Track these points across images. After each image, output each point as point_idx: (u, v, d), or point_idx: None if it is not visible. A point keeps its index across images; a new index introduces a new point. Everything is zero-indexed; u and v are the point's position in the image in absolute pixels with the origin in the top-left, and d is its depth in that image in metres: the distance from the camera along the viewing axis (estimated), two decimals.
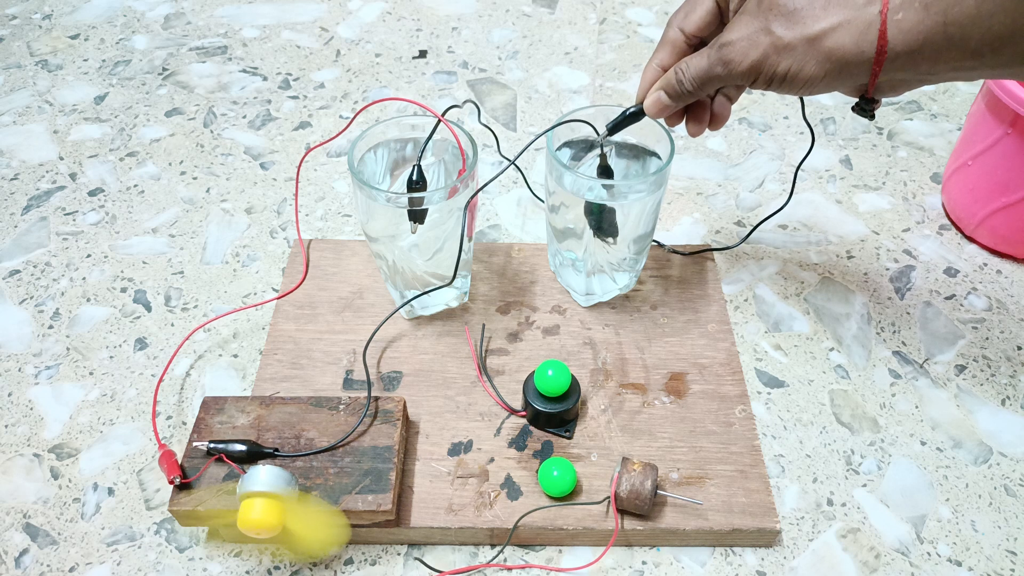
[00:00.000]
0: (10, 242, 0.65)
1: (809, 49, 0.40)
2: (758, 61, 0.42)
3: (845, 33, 0.39)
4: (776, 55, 0.41)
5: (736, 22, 0.43)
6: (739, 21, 0.42)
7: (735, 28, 0.42)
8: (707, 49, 0.44)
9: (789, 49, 0.41)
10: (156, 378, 0.56)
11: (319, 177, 0.72)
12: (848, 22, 0.39)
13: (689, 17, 0.46)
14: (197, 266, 0.64)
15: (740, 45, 0.42)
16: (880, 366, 0.57)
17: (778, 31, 0.41)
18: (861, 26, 0.39)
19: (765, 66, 0.42)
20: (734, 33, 0.42)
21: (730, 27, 0.43)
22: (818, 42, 0.40)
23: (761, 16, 0.41)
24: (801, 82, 0.42)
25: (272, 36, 0.88)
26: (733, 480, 0.48)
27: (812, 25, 0.40)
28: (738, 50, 0.42)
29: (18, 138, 0.75)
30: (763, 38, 0.41)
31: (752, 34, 0.41)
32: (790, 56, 0.41)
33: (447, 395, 0.52)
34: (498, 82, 0.82)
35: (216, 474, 0.45)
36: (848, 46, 0.40)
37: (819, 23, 0.40)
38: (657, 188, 0.50)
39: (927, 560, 0.47)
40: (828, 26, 0.40)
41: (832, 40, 0.40)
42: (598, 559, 0.47)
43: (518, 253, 0.62)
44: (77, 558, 0.47)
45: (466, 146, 0.49)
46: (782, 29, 0.41)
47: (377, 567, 0.47)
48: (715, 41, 0.43)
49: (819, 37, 0.40)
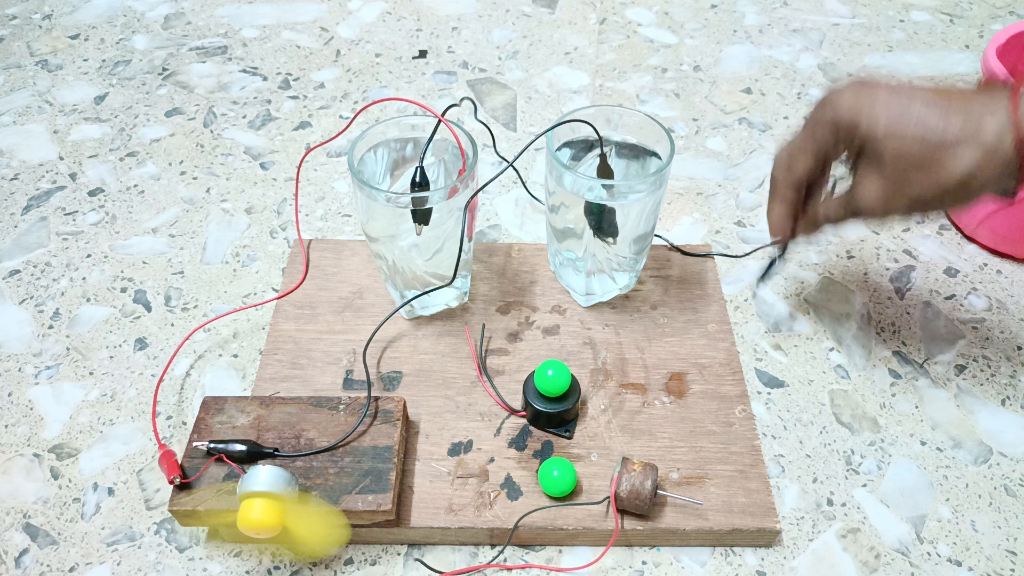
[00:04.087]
0: (10, 242, 0.65)
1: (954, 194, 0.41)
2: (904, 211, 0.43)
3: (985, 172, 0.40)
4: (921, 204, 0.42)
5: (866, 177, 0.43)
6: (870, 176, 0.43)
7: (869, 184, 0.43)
8: (845, 198, 0.45)
9: (932, 199, 0.42)
10: (156, 378, 0.56)
11: (319, 177, 0.72)
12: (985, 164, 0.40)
13: (795, 164, 0.47)
14: (197, 266, 0.64)
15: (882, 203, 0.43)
16: (880, 366, 0.57)
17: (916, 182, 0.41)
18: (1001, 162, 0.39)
19: (912, 212, 0.43)
20: (870, 194, 0.43)
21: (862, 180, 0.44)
22: (961, 186, 0.41)
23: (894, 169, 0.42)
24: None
25: (272, 36, 0.88)
26: (733, 480, 0.48)
27: (948, 172, 0.40)
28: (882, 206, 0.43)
29: (18, 138, 0.75)
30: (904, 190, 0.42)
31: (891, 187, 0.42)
32: (935, 203, 0.42)
33: (447, 395, 0.52)
34: (498, 82, 0.82)
35: (216, 474, 0.45)
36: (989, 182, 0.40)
37: (954, 170, 0.40)
38: (657, 188, 0.50)
39: (927, 560, 0.47)
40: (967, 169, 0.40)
41: (974, 182, 0.40)
42: (598, 559, 0.47)
43: (518, 253, 0.62)
44: (77, 558, 0.47)
45: (466, 146, 0.49)
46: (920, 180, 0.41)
47: (377, 567, 0.47)
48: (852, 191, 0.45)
49: (961, 182, 0.40)
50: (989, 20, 0.92)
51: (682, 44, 0.88)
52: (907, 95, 0.42)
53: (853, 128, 0.43)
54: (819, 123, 0.45)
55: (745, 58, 0.86)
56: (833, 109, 0.44)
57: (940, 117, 0.40)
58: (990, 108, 0.40)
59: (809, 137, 0.46)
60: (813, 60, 0.85)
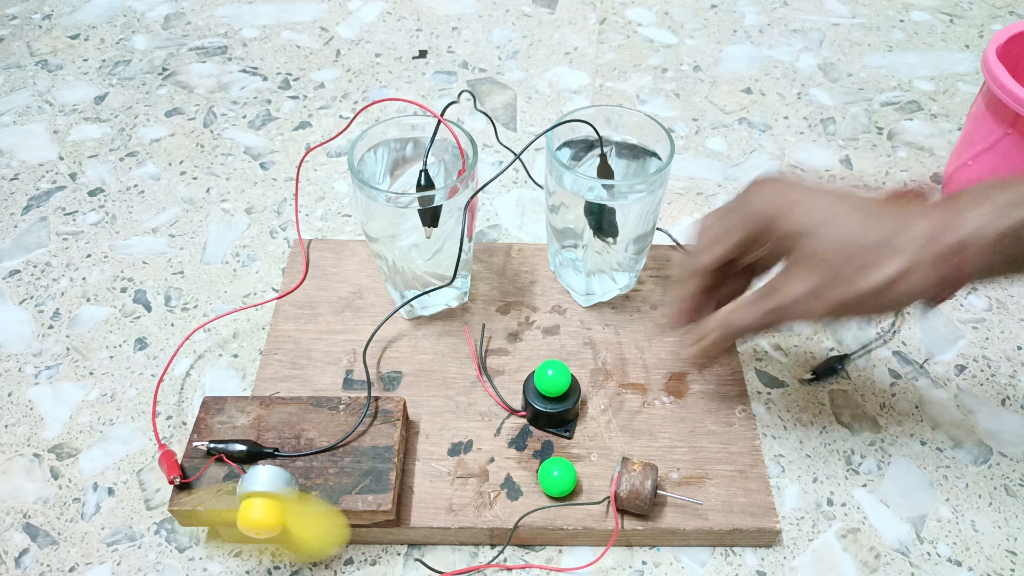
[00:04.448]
0: (10, 242, 0.65)
1: (877, 299, 0.40)
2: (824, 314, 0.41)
3: (908, 280, 0.39)
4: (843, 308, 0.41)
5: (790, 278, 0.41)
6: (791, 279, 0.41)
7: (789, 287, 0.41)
8: (760, 301, 0.43)
9: (855, 302, 0.40)
10: (156, 378, 0.56)
11: (319, 177, 0.72)
12: (910, 270, 0.39)
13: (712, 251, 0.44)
14: (197, 266, 0.64)
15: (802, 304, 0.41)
16: (880, 366, 0.57)
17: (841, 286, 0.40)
18: (924, 270, 0.39)
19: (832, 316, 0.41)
20: (791, 292, 0.41)
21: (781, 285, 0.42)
22: (884, 293, 0.40)
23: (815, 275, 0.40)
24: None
25: (272, 36, 0.88)
26: (733, 480, 0.48)
27: (873, 278, 0.39)
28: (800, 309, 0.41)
29: (18, 138, 0.75)
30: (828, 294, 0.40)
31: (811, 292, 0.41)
32: (858, 306, 0.41)
33: (447, 395, 0.52)
34: (498, 82, 0.82)
35: (216, 474, 0.45)
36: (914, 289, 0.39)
37: (880, 274, 0.39)
38: (657, 188, 0.50)
39: (927, 560, 0.47)
40: (890, 276, 0.39)
41: (897, 289, 0.39)
42: (598, 559, 0.47)
43: (518, 253, 0.62)
44: (77, 558, 0.47)
45: (466, 146, 0.49)
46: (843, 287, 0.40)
47: (377, 567, 0.47)
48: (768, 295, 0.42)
49: (884, 288, 0.39)
50: (989, 20, 0.92)
51: (682, 44, 0.88)
52: (832, 197, 0.41)
53: (776, 223, 0.41)
54: (742, 213, 0.43)
55: (745, 58, 0.86)
56: (758, 201, 0.42)
57: (863, 222, 0.40)
58: (914, 215, 0.40)
59: (730, 227, 0.43)
60: (813, 60, 0.85)
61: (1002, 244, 0.38)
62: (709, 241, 0.44)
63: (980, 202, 0.38)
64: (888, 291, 0.39)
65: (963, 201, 0.39)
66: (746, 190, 0.44)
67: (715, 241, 0.44)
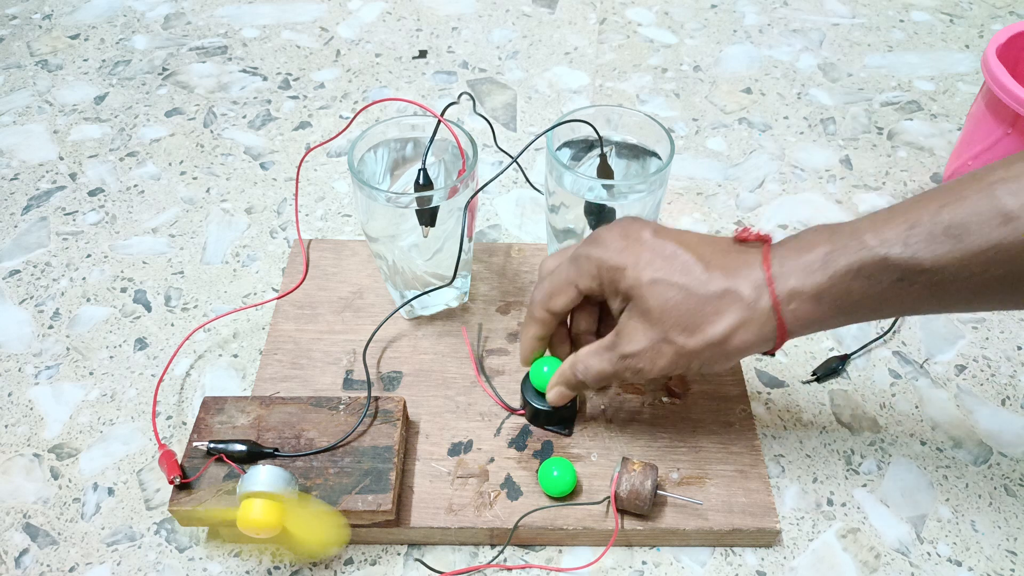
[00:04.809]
0: (10, 242, 0.65)
1: (716, 350, 0.41)
2: (668, 366, 0.42)
3: (745, 331, 0.40)
4: (685, 359, 0.42)
5: (629, 332, 0.42)
6: (633, 331, 0.42)
7: (632, 339, 0.42)
8: (605, 352, 0.44)
9: (696, 354, 0.41)
10: (156, 378, 0.56)
11: (319, 177, 0.72)
12: (745, 321, 0.40)
13: (555, 300, 0.46)
14: (197, 266, 0.64)
15: (646, 356, 0.42)
16: (880, 366, 0.57)
17: (679, 340, 0.41)
18: (759, 321, 0.40)
19: (676, 368, 0.42)
20: (634, 344, 0.42)
21: (624, 336, 0.43)
22: (723, 344, 0.41)
23: (656, 327, 0.41)
24: (714, 371, 0.45)
25: (272, 36, 0.88)
26: (733, 480, 0.48)
27: (711, 330, 0.40)
28: (646, 360, 0.42)
29: (18, 138, 0.75)
30: (666, 348, 0.41)
31: (654, 345, 0.42)
32: (698, 358, 0.42)
33: (447, 395, 0.52)
34: (498, 82, 0.82)
35: (216, 474, 0.45)
36: (751, 339, 0.40)
37: (717, 327, 0.40)
38: (658, 188, 0.50)
39: (927, 560, 0.47)
40: (727, 328, 0.40)
41: (735, 340, 0.40)
42: (598, 559, 0.47)
43: (518, 253, 0.62)
44: (77, 558, 0.47)
45: (466, 146, 0.49)
46: (683, 338, 0.41)
47: (377, 567, 0.47)
48: (613, 346, 0.43)
49: (722, 340, 0.40)
50: (989, 20, 0.92)
51: (682, 44, 0.88)
52: (672, 247, 0.41)
53: (617, 273, 0.42)
54: (585, 262, 0.44)
55: (745, 58, 0.86)
56: (600, 250, 0.43)
57: (702, 270, 0.41)
58: (746, 264, 0.40)
59: (574, 275, 0.44)
60: (813, 60, 0.85)
61: (824, 298, 0.39)
62: (548, 292, 0.46)
63: (811, 247, 0.39)
64: (724, 345, 0.41)
65: (790, 249, 0.40)
66: (590, 238, 0.44)
67: (555, 292, 0.45)
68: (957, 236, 0.36)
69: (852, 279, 0.38)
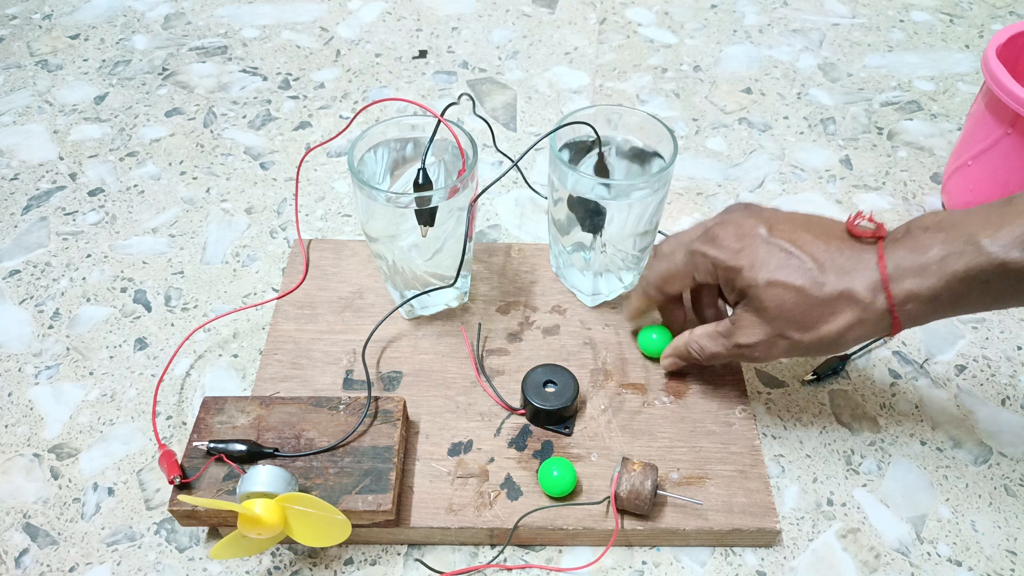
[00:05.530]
0: (10, 242, 0.65)
1: (831, 344, 0.42)
2: (781, 355, 0.44)
3: (860, 328, 0.41)
4: (800, 351, 0.43)
5: (745, 324, 0.44)
6: (749, 323, 0.44)
7: (748, 332, 0.44)
8: (721, 338, 0.46)
9: (810, 347, 0.43)
10: (156, 378, 0.56)
11: (319, 177, 0.72)
12: (861, 320, 0.41)
13: (669, 285, 0.48)
14: (197, 266, 0.64)
15: (760, 347, 0.44)
16: (880, 366, 0.57)
17: (795, 336, 0.42)
18: (874, 320, 0.41)
19: (790, 356, 0.44)
20: (750, 337, 0.44)
21: (741, 328, 0.45)
22: (837, 339, 0.42)
23: (772, 324, 0.43)
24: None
25: (272, 36, 0.88)
26: (733, 480, 0.48)
27: (826, 328, 0.41)
28: (761, 350, 0.44)
29: (18, 138, 0.75)
30: (781, 342, 0.43)
31: (769, 339, 0.43)
32: (813, 350, 0.43)
33: (447, 395, 0.52)
34: (498, 82, 0.82)
35: (216, 474, 0.45)
36: (866, 334, 0.42)
37: (833, 325, 0.41)
38: (660, 187, 0.50)
39: (927, 560, 0.47)
40: (843, 326, 0.41)
41: (850, 336, 0.42)
42: (598, 559, 0.47)
43: (518, 253, 0.62)
44: (77, 558, 0.47)
45: (466, 146, 0.49)
46: (798, 335, 0.42)
47: (377, 567, 0.47)
48: (729, 334, 0.45)
49: (838, 336, 0.41)
50: (989, 20, 0.92)
51: (682, 44, 0.88)
52: (787, 247, 0.42)
53: (734, 274, 0.44)
54: (702, 260, 0.45)
55: (745, 58, 0.86)
56: (717, 251, 0.44)
57: (817, 272, 0.41)
58: (861, 265, 0.41)
59: (691, 267, 0.46)
60: (813, 60, 0.85)
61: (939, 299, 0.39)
62: (664, 275, 0.48)
63: (926, 248, 0.40)
64: (839, 339, 0.42)
65: (905, 248, 0.40)
66: (705, 234, 0.45)
67: (671, 278, 0.48)
68: None
69: (969, 284, 0.39)
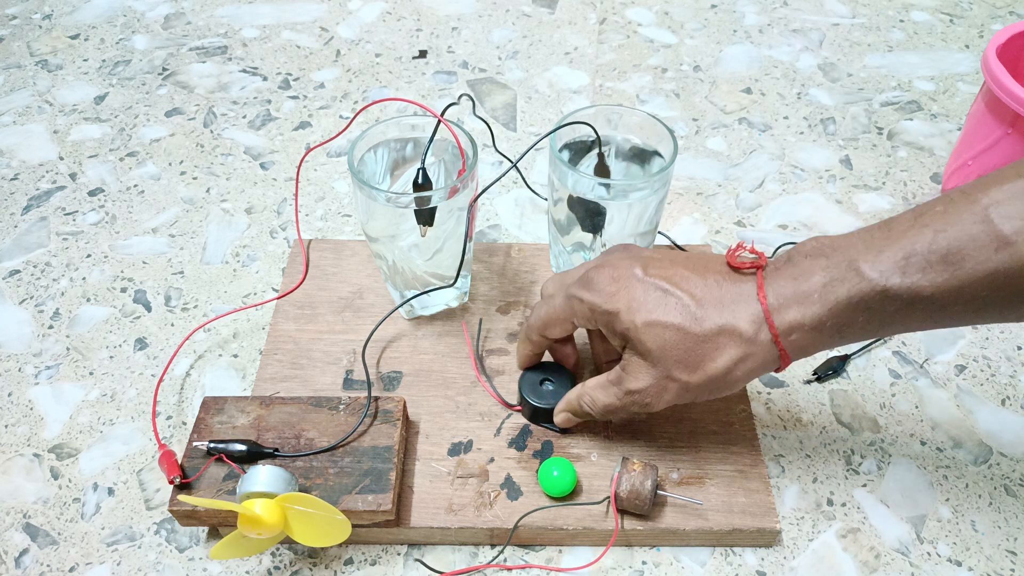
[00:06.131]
0: (10, 242, 0.65)
1: (720, 382, 0.41)
2: (674, 399, 0.43)
3: (747, 363, 0.40)
4: (691, 393, 0.42)
5: (633, 369, 0.43)
6: (636, 368, 0.43)
7: (636, 376, 0.43)
8: (611, 387, 0.44)
9: (700, 387, 0.42)
10: (156, 378, 0.56)
11: (319, 177, 0.72)
12: (746, 355, 0.40)
13: (551, 330, 0.47)
14: (197, 266, 0.64)
15: (651, 392, 0.42)
16: (880, 366, 0.57)
17: (682, 377, 0.41)
18: (760, 353, 0.40)
19: (683, 400, 0.43)
20: (638, 382, 0.43)
21: (629, 373, 0.43)
22: (726, 377, 0.41)
23: (657, 366, 0.42)
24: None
25: (272, 36, 0.88)
26: (733, 480, 0.48)
27: (712, 366, 0.40)
28: (651, 395, 0.43)
29: (18, 138, 0.75)
30: (670, 384, 0.42)
31: (657, 382, 0.42)
32: (704, 390, 0.42)
33: (447, 395, 0.52)
34: (498, 82, 0.82)
35: (216, 474, 0.45)
36: (754, 369, 0.41)
37: (718, 362, 0.40)
38: (660, 187, 0.50)
39: (927, 560, 0.47)
40: (728, 363, 0.40)
41: (738, 372, 0.41)
42: (598, 559, 0.47)
43: (518, 253, 0.62)
44: (77, 558, 0.47)
45: (466, 146, 0.49)
46: (685, 375, 0.41)
47: (377, 567, 0.47)
48: (619, 381, 0.44)
49: (725, 374, 0.41)
50: (989, 20, 0.92)
51: (682, 44, 0.88)
52: (663, 286, 0.41)
53: (612, 318, 0.42)
54: (579, 305, 0.44)
55: (745, 58, 0.86)
56: (592, 295, 0.43)
57: (696, 307, 0.40)
58: (742, 297, 0.40)
59: (569, 312, 0.45)
60: (813, 60, 0.85)
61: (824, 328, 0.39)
62: (545, 320, 0.47)
63: (808, 275, 0.39)
64: (727, 377, 0.41)
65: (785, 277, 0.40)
66: (582, 279, 0.44)
67: (551, 323, 0.46)
68: (955, 263, 0.35)
69: (852, 310, 0.38)
